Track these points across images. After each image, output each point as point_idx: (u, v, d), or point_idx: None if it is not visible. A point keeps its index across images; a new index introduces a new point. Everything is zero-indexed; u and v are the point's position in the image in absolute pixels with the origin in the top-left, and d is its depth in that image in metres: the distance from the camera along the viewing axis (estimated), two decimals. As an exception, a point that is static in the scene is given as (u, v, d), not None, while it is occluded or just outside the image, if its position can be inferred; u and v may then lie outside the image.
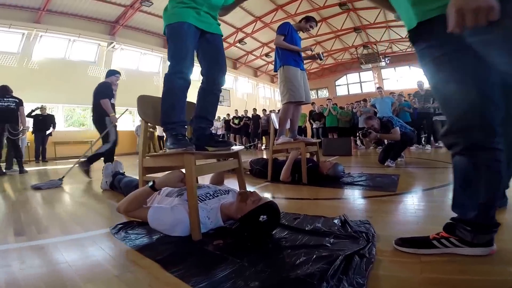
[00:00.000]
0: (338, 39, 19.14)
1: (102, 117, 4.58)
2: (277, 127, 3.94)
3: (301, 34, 4.19)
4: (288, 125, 4.00)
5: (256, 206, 1.62)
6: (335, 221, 1.86)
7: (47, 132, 9.88)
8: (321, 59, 4.33)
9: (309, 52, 4.08)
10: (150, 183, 1.79)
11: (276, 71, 3.94)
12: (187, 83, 1.99)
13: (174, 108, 1.95)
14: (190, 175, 1.69)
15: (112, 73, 4.99)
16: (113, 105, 4.66)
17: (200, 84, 2.17)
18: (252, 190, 1.77)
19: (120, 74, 5.08)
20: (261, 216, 1.61)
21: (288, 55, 3.79)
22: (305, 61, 4.15)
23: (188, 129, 2.23)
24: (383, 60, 19.91)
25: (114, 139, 4.62)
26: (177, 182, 1.76)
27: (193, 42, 2.01)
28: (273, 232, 1.73)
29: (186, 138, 1.96)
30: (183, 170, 1.81)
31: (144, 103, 2.13)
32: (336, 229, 1.71)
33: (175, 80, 1.94)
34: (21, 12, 11.09)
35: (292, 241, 1.58)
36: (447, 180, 3.13)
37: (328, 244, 1.48)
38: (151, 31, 15.46)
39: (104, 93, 4.56)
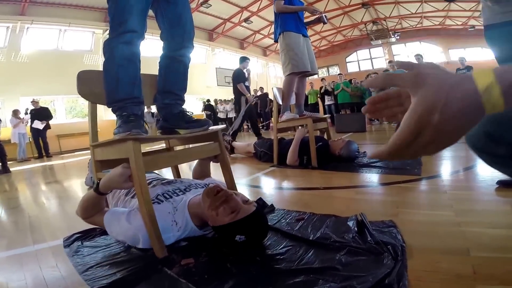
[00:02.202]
0: (347, 15, 18.53)
1: (238, 98, 6.22)
2: (280, 102, 3.46)
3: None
4: (293, 101, 3.54)
5: (230, 222, 1.18)
6: (350, 223, 1.42)
7: (36, 125, 9.20)
8: (324, 22, 3.77)
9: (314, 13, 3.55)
10: (95, 185, 1.35)
11: (277, 41, 3.44)
12: (135, 49, 1.53)
13: (119, 82, 1.49)
14: (136, 170, 1.24)
15: (243, 60, 6.32)
16: (247, 87, 6.12)
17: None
18: (230, 192, 1.27)
19: (249, 60, 6.39)
20: (237, 236, 1.19)
21: (288, 20, 3.27)
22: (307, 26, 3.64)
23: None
24: (393, 36, 19.67)
25: (242, 115, 5.74)
26: (123, 181, 1.27)
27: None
28: (268, 243, 1.32)
29: (142, 119, 1.54)
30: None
31: (86, 80, 1.59)
32: (350, 237, 1.27)
33: (117, 46, 1.47)
34: (2, 5, 10.60)
35: (289, 260, 1.15)
36: (478, 159, 2.64)
37: (339, 266, 1.06)
38: (149, 15, 14.84)
39: (238, 79, 6.09)
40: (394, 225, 1.35)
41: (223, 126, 1.84)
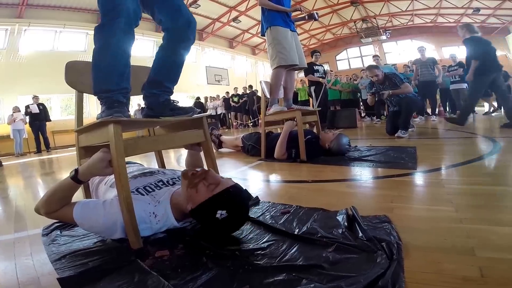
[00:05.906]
0: (336, 13, 18.49)
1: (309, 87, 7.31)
2: (268, 96, 3.32)
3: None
4: (281, 95, 3.43)
5: (211, 196, 1.09)
6: (339, 217, 1.28)
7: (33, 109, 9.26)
8: (315, 19, 3.65)
9: (298, 13, 3.44)
10: (73, 172, 1.23)
11: (264, 35, 3.31)
12: (129, 37, 1.39)
13: (110, 72, 1.36)
14: (115, 155, 1.14)
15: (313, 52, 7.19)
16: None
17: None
18: (207, 169, 1.21)
19: (319, 53, 7.42)
20: (219, 212, 1.06)
21: (275, 15, 3.17)
22: (297, 24, 3.53)
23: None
24: (384, 34, 19.57)
25: (318, 102, 6.84)
26: (103, 167, 1.19)
27: None
28: (249, 237, 1.19)
29: (127, 106, 1.42)
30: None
31: (74, 70, 1.57)
32: (340, 233, 1.13)
33: (110, 34, 1.32)
34: (1, 9, 10.81)
35: (270, 256, 1.01)
36: (476, 153, 2.54)
37: (326, 265, 0.92)
38: (144, 17, 15.04)
39: (306, 71, 6.80)
40: (389, 220, 1.21)
41: (208, 113, 1.69)
